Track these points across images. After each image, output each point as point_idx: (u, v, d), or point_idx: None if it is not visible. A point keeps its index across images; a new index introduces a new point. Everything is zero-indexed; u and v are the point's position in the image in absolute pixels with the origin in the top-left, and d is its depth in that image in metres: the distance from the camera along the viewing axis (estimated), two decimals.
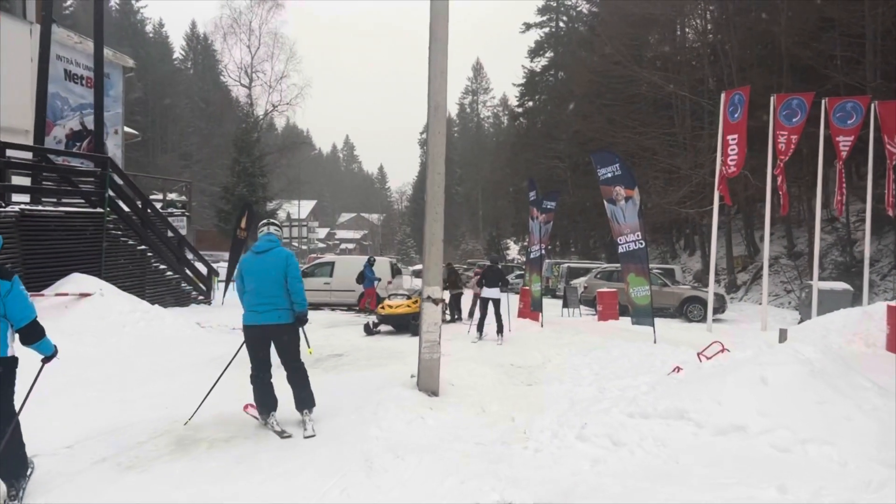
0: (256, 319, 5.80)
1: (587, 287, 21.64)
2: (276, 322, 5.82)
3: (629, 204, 10.59)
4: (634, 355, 8.88)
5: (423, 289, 7.20)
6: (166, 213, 17.58)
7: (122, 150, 18.90)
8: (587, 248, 49.22)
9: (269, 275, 5.79)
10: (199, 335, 12.29)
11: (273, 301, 5.78)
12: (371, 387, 7.52)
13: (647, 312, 10.74)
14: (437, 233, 7.16)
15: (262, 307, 5.77)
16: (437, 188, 7.10)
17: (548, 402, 7.04)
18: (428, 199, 7.11)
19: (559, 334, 13.39)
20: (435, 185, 7.08)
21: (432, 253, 7.16)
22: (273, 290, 5.78)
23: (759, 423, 4.93)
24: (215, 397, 6.42)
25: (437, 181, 7.07)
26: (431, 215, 7.12)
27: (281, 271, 5.78)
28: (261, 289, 5.78)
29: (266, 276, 5.78)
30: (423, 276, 7.23)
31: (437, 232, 7.16)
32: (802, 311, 19.41)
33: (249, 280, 5.89)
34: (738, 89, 15.26)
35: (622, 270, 11.18)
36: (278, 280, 5.78)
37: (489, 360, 10.28)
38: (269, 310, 5.78)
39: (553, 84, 57.02)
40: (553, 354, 10.54)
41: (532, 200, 15.46)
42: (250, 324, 5.88)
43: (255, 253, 5.97)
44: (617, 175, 10.72)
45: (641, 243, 10.61)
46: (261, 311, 5.78)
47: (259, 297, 5.79)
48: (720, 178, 15.33)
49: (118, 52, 18.42)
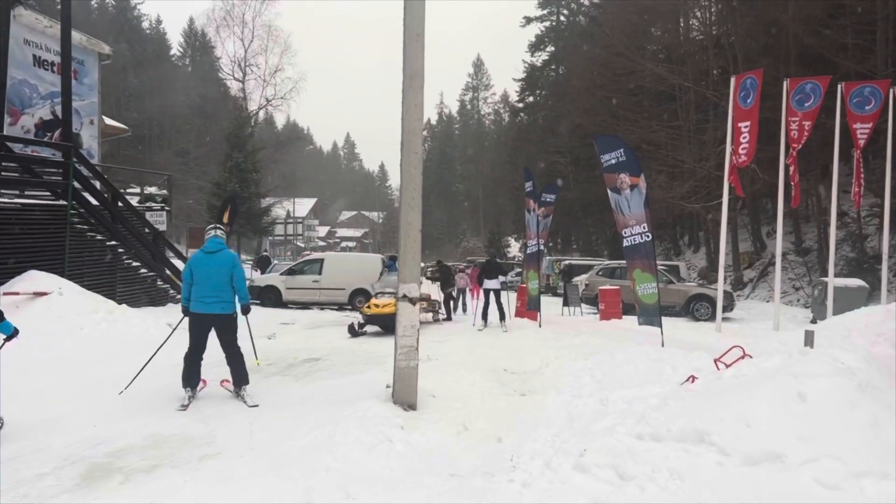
0: (204, 309, 6.74)
1: (588, 284, 20.68)
2: (221, 312, 6.81)
3: (634, 193, 9.63)
4: (641, 360, 7.92)
5: (399, 286, 6.26)
6: (144, 208, 16.65)
7: (99, 141, 17.95)
8: (589, 244, 48.28)
9: (217, 273, 6.76)
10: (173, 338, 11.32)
11: (219, 295, 6.75)
12: (341, 398, 6.58)
13: (655, 311, 9.77)
14: (414, 222, 6.22)
15: (210, 299, 6.72)
16: (414, 170, 6.15)
17: (542, 418, 6.10)
18: (402, 183, 6.17)
19: (558, 335, 12.43)
20: (411, 166, 6.13)
21: (408, 245, 6.21)
22: (220, 285, 6.76)
23: (800, 451, 3.97)
24: (159, 412, 6.03)
25: (412, 162, 6.12)
26: (407, 202, 6.18)
27: (228, 271, 6.80)
28: (209, 284, 6.73)
29: (215, 274, 6.75)
30: (399, 271, 6.28)
31: (414, 221, 6.21)
32: (815, 310, 18.46)
33: (199, 275, 6.77)
34: (751, 73, 14.27)
35: (627, 266, 10.21)
36: (225, 278, 6.78)
37: (481, 364, 9.34)
38: (216, 301, 6.74)
39: (554, 79, 56.16)
40: (551, 358, 9.58)
41: (528, 192, 14.47)
42: (198, 312, 6.78)
43: (205, 252, 6.88)
44: (621, 161, 9.76)
45: (648, 236, 9.65)
46: (209, 302, 6.72)
47: (207, 290, 6.72)
48: (731, 168, 14.35)
49: (93, 39, 17.45)
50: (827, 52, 22.81)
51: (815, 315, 18.22)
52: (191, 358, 6.91)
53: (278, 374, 8.51)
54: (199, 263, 6.80)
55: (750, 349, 11.47)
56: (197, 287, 6.75)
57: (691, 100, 31.39)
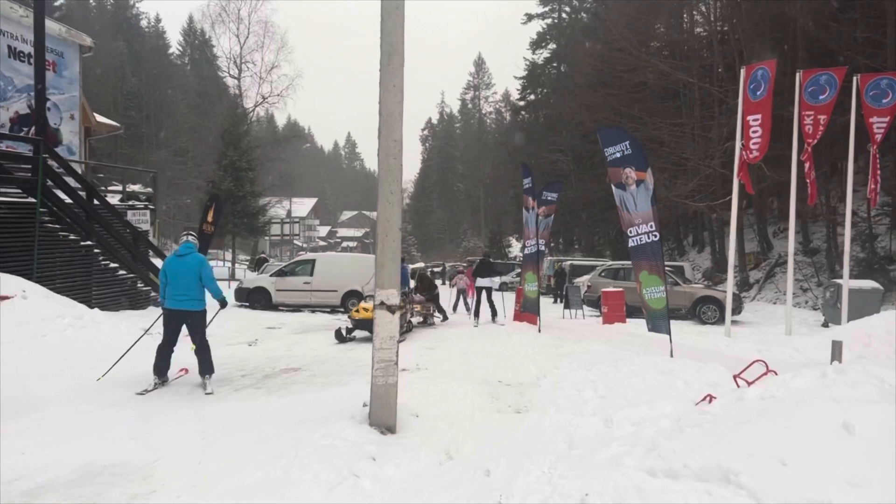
0: (176, 305, 7.59)
1: (591, 286, 19.92)
2: (190, 308, 7.62)
3: (641, 189, 8.87)
4: (649, 373, 7.17)
5: (376, 292, 5.52)
6: (126, 207, 15.91)
7: (81, 137, 17.20)
8: (591, 244, 47.50)
9: (187, 274, 7.60)
10: (144, 344, 10.58)
11: (188, 293, 7.58)
12: (312, 417, 5.84)
13: (663, 317, 9.00)
14: (393, 219, 5.47)
15: (181, 297, 7.56)
16: (393, 160, 5.40)
17: (539, 442, 5.36)
18: (380, 174, 5.42)
19: (559, 341, 11.69)
20: (389, 155, 5.38)
21: (387, 245, 5.46)
22: (189, 285, 7.58)
23: (851, 500, 3.24)
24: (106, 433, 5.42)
25: (391, 150, 5.37)
26: (385, 196, 5.43)
27: (196, 272, 7.60)
28: (180, 284, 7.57)
29: (185, 275, 7.58)
30: (375, 275, 5.54)
31: (393, 218, 5.47)
32: (827, 312, 17.71)
33: (172, 277, 7.61)
34: (762, 63, 13.52)
35: (633, 268, 9.44)
36: (194, 278, 7.60)
37: (474, 374, 8.59)
38: (185, 299, 7.57)
39: (556, 76, 55.42)
40: (550, 368, 8.84)
41: (526, 188, 13.69)
42: (171, 308, 7.62)
43: (178, 256, 7.71)
44: (627, 155, 8.99)
45: (655, 235, 8.88)
46: (180, 299, 7.56)
47: (179, 289, 7.57)
48: (740, 164, 13.60)
49: (73, 30, 16.68)
50: (836, 46, 22.08)
51: (827, 318, 17.48)
52: (163, 349, 7.72)
53: (251, 387, 7.77)
54: (171, 266, 7.67)
55: (765, 356, 10.74)
56: (170, 287, 7.62)
57: (696, 97, 30.69)
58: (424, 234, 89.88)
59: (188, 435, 5.45)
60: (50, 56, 15.90)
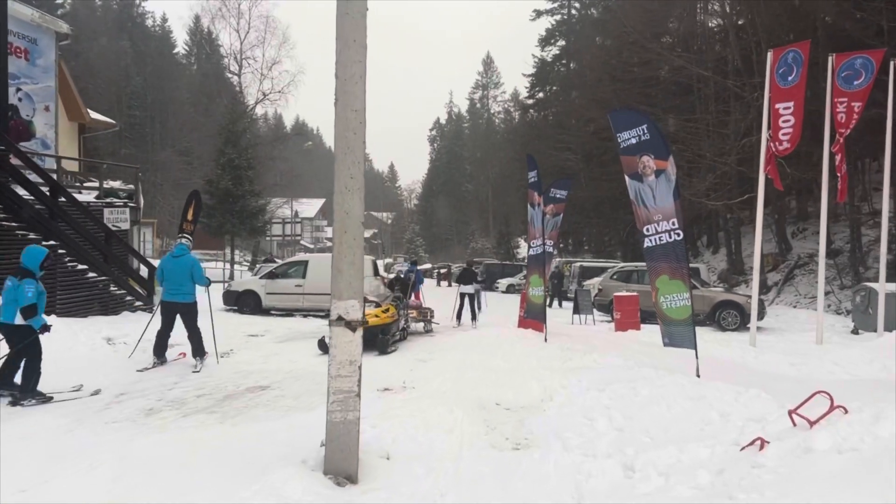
0: (170, 298, 9.17)
1: (602, 289, 18.67)
2: (182, 301, 9.16)
3: (661, 180, 7.64)
4: (674, 398, 5.97)
5: (333, 304, 4.35)
6: (103, 204, 14.81)
7: (57, 130, 16.15)
8: (601, 245, 46.21)
9: (180, 272, 9.19)
10: (98, 356, 9.49)
11: (181, 288, 9.15)
12: (256, 460, 4.67)
13: (687, 330, 7.71)
14: (354, 210, 4.31)
15: (174, 291, 9.16)
16: (353, 136, 4.24)
17: (540, 494, 4.18)
18: (337, 153, 4.27)
19: (567, 353, 10.49)
20: (348, 129, 4.23)
21: (345, 244, 4.30)
22: (182, 281, 9.16)
23: None
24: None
25: (351, 123, 4.21)
26: (343, 182, 4.27)
27: (188, 270, 9.20)
28: (174, 280, 9.17)
29: (178, 273, 9.18)
30: (332, 281, 4.37)
31: (354, 209, 4.30)
32: (857, 319, 16.42)
33: (168, 274, 9.21)
34: (794, 45, 12.27)
35: (650, 272, 8.17)
36: (186, 276, 9.18)
37: (468, 394, 7.41)
38: (178, 293, 9.15)
39: (565, 73, 54.18)
40: (557, 387, 7.64)
41: (531, 182, 12.44)
42: (167, 300, 9.19)
43: (173, 256, 9.38)
44: (644, 141, 7.76)
45: (678, 234, 7.64)
46: (174, 293, 9.16)
47: (173, 284, 9.17)
48: (767, 157, 12.34)
49: (48, 16, 15.60)
50: (862, 36, 20.77)
51: (857, 324, 16.20)
52: (161, 335, 9.17)
53: (205, 411, 6.61)
54: (167, 264, 9.33)
55: (800, 372, 9.50)
56: (166, 282, 9.20)
57: (710, 91, 29.47)
58: (432, 235, 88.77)
59: (92, 487, 4.28)
60: (22, 43, 14.86)
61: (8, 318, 6.77)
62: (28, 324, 6.75)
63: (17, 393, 6.78)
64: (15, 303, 6.73)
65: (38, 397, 6.81)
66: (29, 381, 6.82)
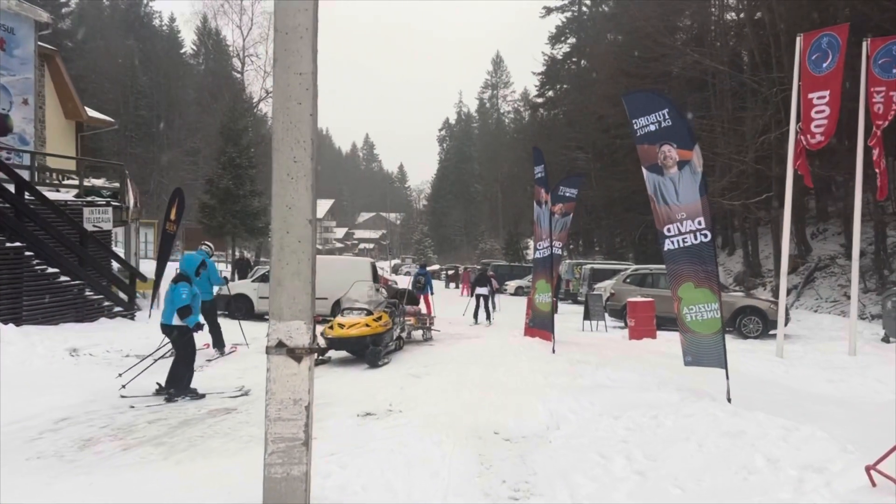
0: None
1: (614, 294, 17.60)
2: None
3: (685, 173, 6.60)
4: (706, 432, 4.93)
5: (271, 325, 3.37)
6: (83, 203, 13.90)
7: (37, 124, 15.26)
8: (612, 247, 45.05)
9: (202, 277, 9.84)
10: (54, 371, 8.56)
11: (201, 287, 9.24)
12: None
13: (716, 347, 6.63)
14: (299, 203, 3.33)
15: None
16: (298, 106, 3.27)
17: None
18: (275, 127, 3.28)
19: (577, 367, 9.46)
20: (291, 98, 3.25)
21: (287, 247, 3.32)
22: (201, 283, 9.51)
23: None
24: None
25: (294, 90, 3.24)
26: (284, 164, 3.30)
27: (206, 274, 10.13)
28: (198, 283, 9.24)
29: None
30: (270, 297, 3.39)
31: (299, 201, 3.32)
32: (888, 326, 15.27)
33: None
34: (829, 29, 11.19)
35: (671, 278, 7.09)
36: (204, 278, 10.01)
37: (462, 419, 6.43)
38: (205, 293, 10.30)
39: (576, 71, 53.08)
40: (565, 411, 6.63)
41: (538, 178, 11.36)
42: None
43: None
44: (666, 127, 6.72)
45: (706, 235, 6.58)
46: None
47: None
48: (797, 151, 11.26)
49: (25, 3, 14.67)
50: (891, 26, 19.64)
51: (888, 332, 15.07)
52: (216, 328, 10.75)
53: (151, 442, 5.65)
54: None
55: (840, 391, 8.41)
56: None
57: (726, 87, 28.38)
58: (441, 236, 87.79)
59: None
60: None
61: (167, 319, 7.63)
62: (183, 324, 7.61)
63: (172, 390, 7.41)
64: (172, 304, 7.59)
65: (190, 394, 7.46)
66: (182, 378, 7.56)
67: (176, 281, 7.68)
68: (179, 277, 7.79)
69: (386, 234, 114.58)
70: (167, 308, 7.65)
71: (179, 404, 7.16)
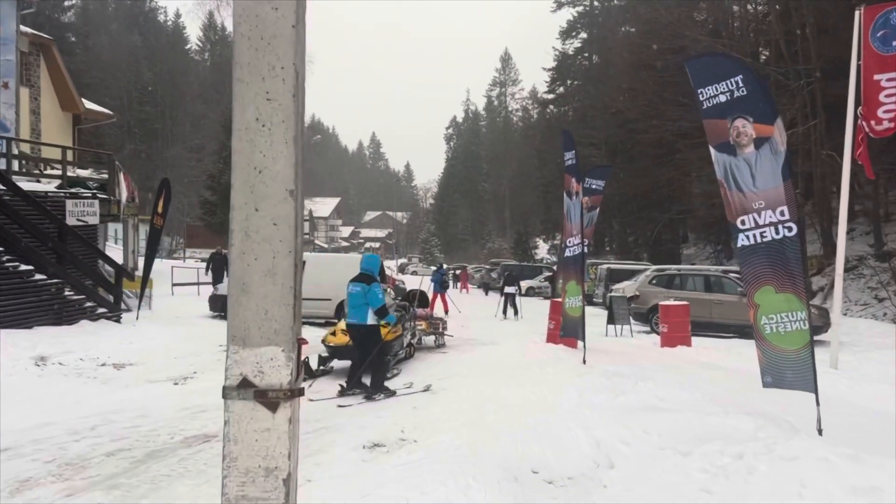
0: None
1: (639, 296, 16.37)
2: None
3: (764, 152, 5.38)
4: (824, 486, 3.74)
5: (230, 354, 2.17)
6: (66, 195, 12.78)
7: (18, 110, 14.14)
8: (625, 246, 43.74)
9: None
10: (15, 384, 7.41)
11: None
12: None
13: (805, 365, 5.32)
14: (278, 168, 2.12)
15: None
16: (274, 12, 2.06)
17: None
18: (237, 52, 2.08)
19: (613, 381, 8.24)
20: (249, 26, 2.03)
21: (256, 231, 2.12)
22: None
23: None
24: None
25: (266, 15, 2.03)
26: (248, 106, 2.08)
27: None
28: None
29: None
30: (228, 313, 2.18)
31: (278, 165, 2.12)
32: None
33: None
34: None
35: (747, 281, 5.76)
36: None
37: (489, 451, 5.25)
38: None
39: (588, 67, 51.86)
40: (615, 443, 5.43)
41: (568, 165, 10.07)
42: None
43: None
44: (740, 97, 5.49)
45: (790, 228, 5.34)
46: None
47: None
48: (859, 139, 10.02)
49: None
50: None
51: None
52: None
53: (102, 484, 4.49)
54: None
55: None
56: None
57: None
58: (449, 236, 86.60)
59: None
60: None
61: (361, 319, 7.65)
62: (377, 323, 7.74)
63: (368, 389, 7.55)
64: (364, 306, 7.63)
65: (385, 392, 7.62)
66: (381, 377, 7.71)
67: (366, 281, 7.69)
68: (368, 278, 7.76)
69: (392, 233, 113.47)
70: (359, 309, 7.67)
71: (152, 426, 5.98)
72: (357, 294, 7.70)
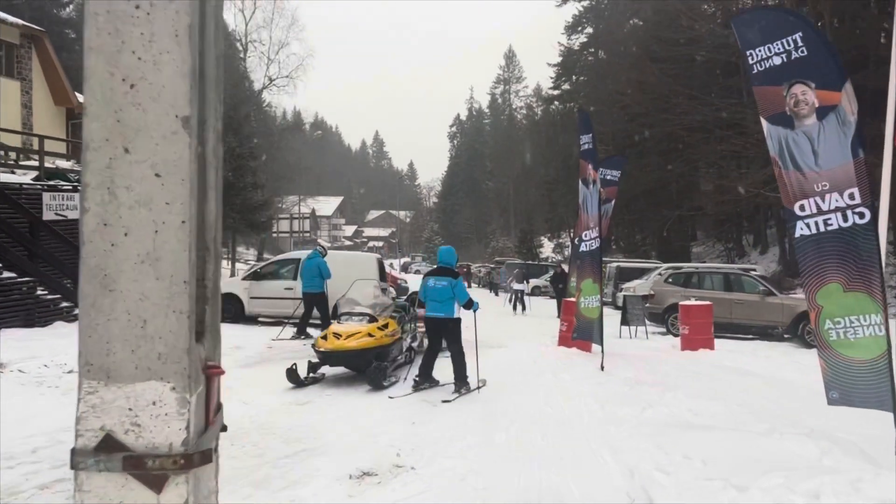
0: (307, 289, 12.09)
1: (654, 295, 15.47)
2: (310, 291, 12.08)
3: (829, 124, 4.49)
4: None
5: (84, 397, 1.27)
6: (43, 187, 11.94)
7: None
8: (633, 244, 42.81)
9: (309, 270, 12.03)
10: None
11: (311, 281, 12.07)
12: None
13: (879, 383, 4.42)
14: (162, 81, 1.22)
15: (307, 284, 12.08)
16: None
17: None
18: None
19: (637, 391, 7.39)
20: None
21: (126, 188, 1.21)
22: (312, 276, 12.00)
23: None
24: None
25: None
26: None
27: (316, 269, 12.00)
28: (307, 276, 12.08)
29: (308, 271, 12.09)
30: (80, 321, 1.28)
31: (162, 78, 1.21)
32: None
33: (305, 272, 12.22)
34: None
35: (807, 277, 4.83)
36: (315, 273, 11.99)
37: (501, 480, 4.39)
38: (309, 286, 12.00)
39: (593, 62, 50.90)
40: (650, 469, 4.55)
41: (584, 150, 9.06)
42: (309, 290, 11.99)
43: (308, 258, 12.30)
44: (798, 59, 4.57)
45: (860, 215, 4.41)
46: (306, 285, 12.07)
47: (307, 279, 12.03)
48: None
49: None
50: None
51: None
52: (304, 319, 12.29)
53: None
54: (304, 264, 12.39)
55: None
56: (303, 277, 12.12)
57: None
58: (452, 234, 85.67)
59: None
60: None
61: (449, 312, 7.71)
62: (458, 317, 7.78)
63: (455, 382, 7.64)
64: (451, 300, 7.71)
65: (465, 387, 7.64)
66: (464, 369, 7.69)
67: (447, 275, 7.79)
68: (445, 272, 7.84)
69: (396, 231, 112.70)
70: (446, 303, 7.68)
71: None
72: (443, 289, 7.70)
